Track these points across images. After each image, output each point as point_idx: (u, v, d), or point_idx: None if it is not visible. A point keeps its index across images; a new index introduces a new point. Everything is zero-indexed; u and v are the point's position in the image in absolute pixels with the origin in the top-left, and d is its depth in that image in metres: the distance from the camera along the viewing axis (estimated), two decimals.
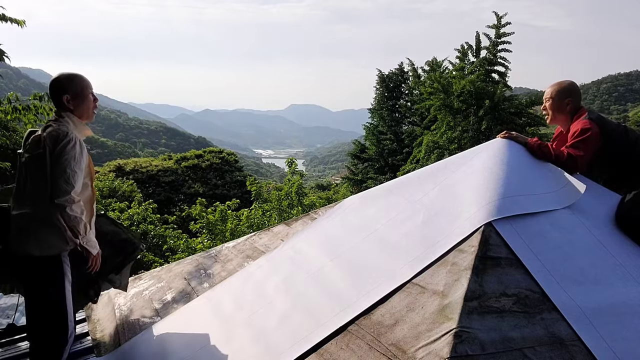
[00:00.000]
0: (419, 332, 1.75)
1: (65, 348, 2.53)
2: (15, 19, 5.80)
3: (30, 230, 2.46)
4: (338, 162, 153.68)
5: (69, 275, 2.54)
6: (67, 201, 2.41)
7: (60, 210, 2.41)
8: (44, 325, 2.53)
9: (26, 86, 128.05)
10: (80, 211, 2.47)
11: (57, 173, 2.40)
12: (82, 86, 2.62)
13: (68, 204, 2.41)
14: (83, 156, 2.52)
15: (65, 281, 2.52)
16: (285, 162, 11.83)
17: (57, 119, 2.58)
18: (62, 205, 2.40)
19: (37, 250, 2.44)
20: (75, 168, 2.44)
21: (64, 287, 2.51)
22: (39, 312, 2.54)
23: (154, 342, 2.74)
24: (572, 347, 1.70)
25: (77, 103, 2.59)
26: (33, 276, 2.52)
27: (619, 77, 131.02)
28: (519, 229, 2.12)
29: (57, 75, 2.63)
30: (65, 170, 2.41)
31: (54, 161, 2.42)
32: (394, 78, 28.45)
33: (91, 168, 2.68)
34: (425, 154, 18.38)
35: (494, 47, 17.47)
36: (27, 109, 5.88)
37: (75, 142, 2.47)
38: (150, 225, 11.03)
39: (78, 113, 2.61)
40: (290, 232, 3.31)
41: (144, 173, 23.57)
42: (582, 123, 2.73)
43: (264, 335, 2.23)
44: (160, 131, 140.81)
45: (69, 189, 2.41)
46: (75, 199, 2.44)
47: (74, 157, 2.44)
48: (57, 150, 2.41)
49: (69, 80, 2.60)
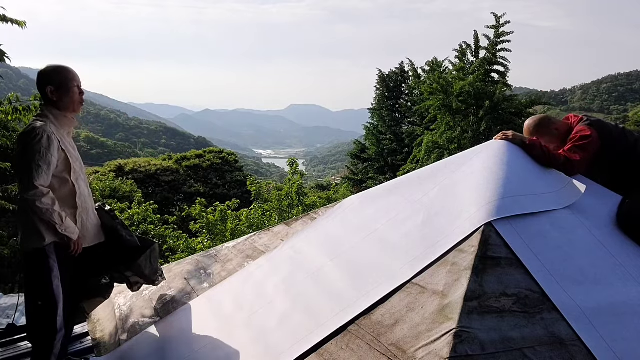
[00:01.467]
0: (419, 332, 1.75)
1: (54, 343, 2.54)
2: (16, 20, 5.80)
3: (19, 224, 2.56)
4: (338, 162, 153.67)
5: (55, 271, 2.54)
6: (35, 195, 2.43)
7: (30, 204, 2.43)
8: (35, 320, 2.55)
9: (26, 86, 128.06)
10: (51, 202, 2.48)
11: (22, 168, 2.45)
12: (67, 78, 2.63)
13: (37, 197, 2.43)
14: (51, 150, 2.50)
15: (51, 275, 2.53)
16: (287, 162, 11.82)
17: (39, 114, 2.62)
18: (31, 200, 2.42)
19: (24, 245, 2.51)
20: (39, 162, 2.45)
21: (50, 282, 2.53)
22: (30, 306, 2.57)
23: (154, 342, 2.74)
24: (572, 347, 1.70)
25: (61, 95, 2.61)
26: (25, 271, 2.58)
27: (619, 77, 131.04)
28: (519, 229, 2.12)
29: (43, 67, 2.66)
30: (29, 165, 2.43)
31: (20, 157, 2.46)
32: (394, 78, 28.47)
33: (71, 162, 2.64)
34: (425, 154, 18.39)
35: (494, 47, 17.48)
36: (27, 109, 5.90)
37: (42, 136, 2.47)
38: (150, 225, 11.03)
39: (62, 105, 2.63)
40: (290, 232, 3.31)
41: (144, 173, 23.57)
42: (581, 128, 2.73)
43: (264, 335, 2.23)
44: (160, 131, 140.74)
45: (34, 183, 2.42)
46: (44, 192, 2.46)
47: (38, 151, 2.45)
48: (22, 146, 2.46)
49: (55, 72, 2.62)
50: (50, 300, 2.52)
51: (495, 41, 17.42)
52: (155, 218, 11.37)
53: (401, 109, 27.83)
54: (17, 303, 3.68)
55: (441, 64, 22.45)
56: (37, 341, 2.59)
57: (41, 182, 2.45)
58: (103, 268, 3.04)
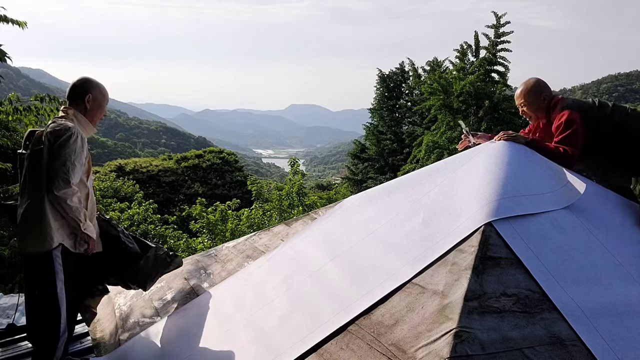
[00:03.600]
0: (419, 332, 1.75)
1: (58, 345, 2.55)
2: (16, 20, 5.80)
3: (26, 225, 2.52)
4: (338, 162, 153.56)
5: (60, 274, 2.56)
6: (66, 193, 2.48)
7: (60, 202, 2.48)
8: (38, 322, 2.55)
9: (26, 86, 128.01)
10: (79, 201, 2.56)
11: (57, 166, 2.49)
12: (104, 97, 2.85)
13: (69, 196, 2.49)
14: (84, 151, 2.61)
15: (56, 279, 2.55)
16: (288, 162, 11.81)
17: (63, 115, 2.69)
18: (62, 197, 2.47)
19: (32, 247, 2.50)
20: (75, 162, 2.53)
21: (55, 285, 2.54)
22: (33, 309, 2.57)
23: (154, 342, 2.74)
24: (572, 347, 1.70)
25: (94, 106, 2.79)
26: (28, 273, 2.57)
27: (619, 77, 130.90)
28: (519, 229, 2.12)
29: (89, 78, 2.85)
30: (65, 164, 2.50)
31: (53, 155, 2.50)
32: (394, 78, 28.44)
33: (89, 166, 2.75)
34: (425, 154, 18.38)
35: (494, 47, 17.47)
36: (28, 109, 5.89)
37: (77, 136, 2.57)
38: (150, 225, 11.03)
39: (90, 115, 2.78)
40: (290, 232, 3.31)
41: (145, 173, 23.56)
42: (564, 115, 2.77)
43: (264, 335, 2.23)
44: (160, 131, 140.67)
45: (68, 182, 2.49)
46: (74, 190, 2.53)
47: (74, 150, 2.53)
48: (58, 144, 2.51)
49: (97, 85, 2.82)
50: (54, 303, 2.54)
51: (495, 41, 17.40)
52: (155, 218, 11.37)
53: (401, 109, 27.80)
54: (17, 303, 3.67)
55: (441, 63, 22.45)
56: (40, 344, 2.59)
57: (74, 181, 2.53)
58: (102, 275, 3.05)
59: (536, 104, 2.91)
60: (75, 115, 2.71)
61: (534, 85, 2.93)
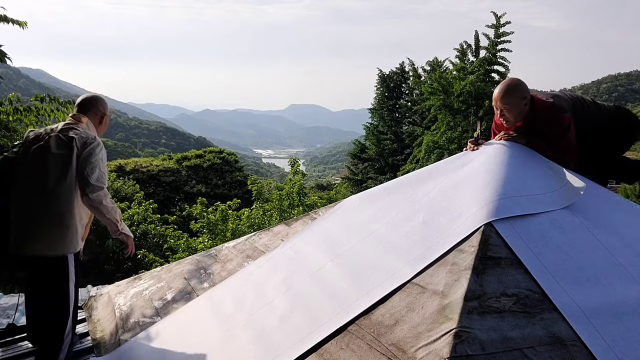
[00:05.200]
0: (419, 332, 1.75)
1: (62, 347, 2.59)
2: (17, 20, 5.80)
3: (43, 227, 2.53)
4: (338, 162, 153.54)
5: (73, 277, 2.63)
6: (100, 195, 2.64)
7: (96, 204, 2.64)
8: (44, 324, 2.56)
9: (26, 86, 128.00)
10: (111, 202, 2.74)
11: (90, 171, 2.63)
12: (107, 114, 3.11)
13: (103, 197, 2.66)
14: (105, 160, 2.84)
15: (69, 282, 2.60)
16: (288, 162, 11.79)
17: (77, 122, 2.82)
18: (97, 200, 2.63)
19: (49, 250, 2.51)
20: (103, 168, 2.75)
21: (68, 288, 2.60)
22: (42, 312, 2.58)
23: (154, 342, 2.74)
24: (572, 347, 1.70)
25: (105, 122, 3.09)
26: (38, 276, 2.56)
27: (619, 77, 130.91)
28: (519, 229, 2.12)
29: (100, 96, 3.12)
30: (100, 169, 2.70)
31: (83, 161, 2.64)
32: (394, 78, 28.45)
33: None
34: (425, 154, 18.39)
35: (494, 47, 17.48)
36: (28, 110, 5.89)
37: (102, 146, 2.80)
38: (150, 225, 11.02)
39: (100, 129, 3.04)
40: (290, 232, 3.31)
41: (145, 173, 23.55)
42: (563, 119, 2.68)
43: (264, 335, 2.23)
44: (160, 131, 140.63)
45: (102, 185, 2.67)
46: (106, 193, 2.72)
47: (102, 158, 2.76)
48: (88, 150, 2.67)
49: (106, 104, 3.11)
50: (65, 305, 2.59)
51: (495, 41, 17.42)
52: (155, 218, 11.35)
53: (401, 109, 27.81)
54: (17, 303, 3.67)
55: (441, 63, 22.46)
56: (44, 345, 2.61)
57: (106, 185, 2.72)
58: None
59: (518, 109, 2.71)
60: (88, 125, 2.89)
61: (518, 88, 2.71)
